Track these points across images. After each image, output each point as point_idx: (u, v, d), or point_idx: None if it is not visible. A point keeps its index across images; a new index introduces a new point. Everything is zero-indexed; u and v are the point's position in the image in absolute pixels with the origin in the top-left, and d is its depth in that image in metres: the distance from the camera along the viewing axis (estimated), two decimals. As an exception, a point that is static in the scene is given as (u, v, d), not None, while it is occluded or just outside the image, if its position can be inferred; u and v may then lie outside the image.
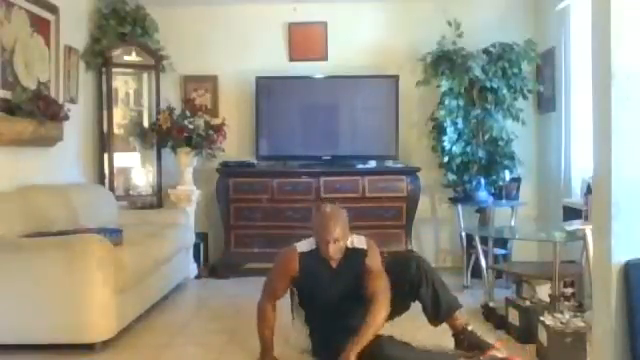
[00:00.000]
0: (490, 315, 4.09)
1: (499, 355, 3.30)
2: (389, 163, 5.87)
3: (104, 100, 5.70)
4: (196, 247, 5.71)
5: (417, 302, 3.49)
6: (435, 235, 6.19)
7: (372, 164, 5.86)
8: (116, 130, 5.78)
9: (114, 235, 4.03)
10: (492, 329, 3.94)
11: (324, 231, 3.23)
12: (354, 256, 3.32)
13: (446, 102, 5.56)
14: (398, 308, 3.41)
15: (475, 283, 5.08)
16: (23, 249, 3.63)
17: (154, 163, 5.91)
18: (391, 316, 3.34)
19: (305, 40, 6.13)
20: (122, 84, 5.92)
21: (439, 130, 5.69)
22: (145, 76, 5.97)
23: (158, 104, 5.86)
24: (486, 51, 5.60)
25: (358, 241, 3.39)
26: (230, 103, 6.15)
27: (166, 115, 5.61)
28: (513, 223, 5.47)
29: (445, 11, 5.75)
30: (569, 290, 3.90)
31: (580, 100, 5.01)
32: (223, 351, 3.64)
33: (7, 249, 3.61)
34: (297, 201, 5.59)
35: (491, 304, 4.17)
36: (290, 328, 3.57)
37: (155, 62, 5.87)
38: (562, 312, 3.44)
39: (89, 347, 3.55)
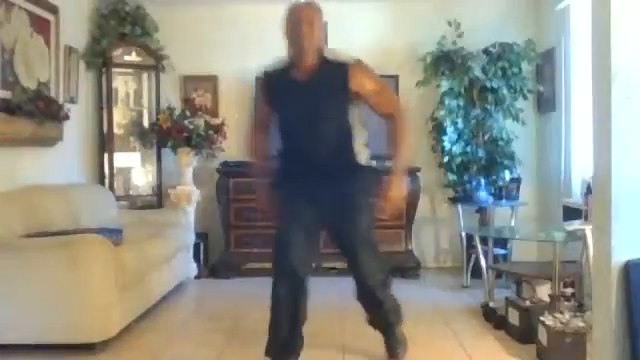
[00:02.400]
0: (490, 315, 4.09)
1: None
2: (389, 163, 5.86)
3: (104, 100, 5.69)
4: (196, 247, 5.70)
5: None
6: (435, 235, 6.19)
7: (372, 164, 5.84)
8: (116, 130, 5.77)
9: (114, 235, 4.03)
10: (492, 329, 3.95)
11: (294, 15, 2.97)
12: (331, 68, 2.99)
13: (446, 102, 5.57)
14: None
15: (475, 283, 5.08)
16: (23, 249, 3.63)
17: (154, 163, 5.91)
18: None
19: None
20: (122, 84, 5.91)
21: (439, 130, 5.69)
22: (145, 76, 5.97)
23: (158, 104, 5.86)
24: (486, 51, 5.60)
25: (343, 57, 3.05)
26: (230, 103, 6.14)
27: (166, 115, 5.61)
28: (513, 223, 5.47)
29: (444, 10, 5.76)
30: (569, 290, 3.90)
31: (580, 100, 5.02)
32: (223, 351, 3.64)
33: (7, 249, 3.60)
34: (297, 201, 5.59)
35: (491, 304, 4.17)
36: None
37: (155, 62, 5.87)
38: (562, 312, 3.44)
39: (89, 347, 3.54)
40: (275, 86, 3.10)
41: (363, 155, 3.13)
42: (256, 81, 3.24)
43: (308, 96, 2.98)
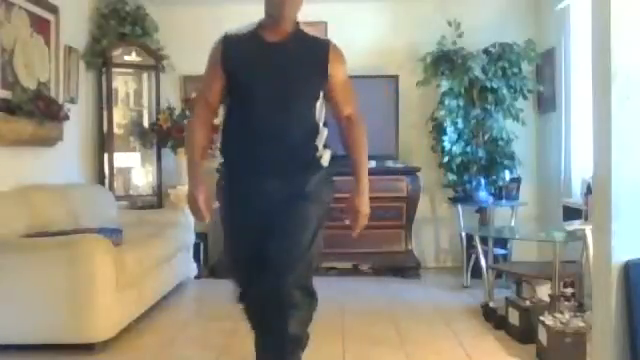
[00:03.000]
0: (490, 315, 4.09)
1: None
2: (389, 163, 5.87)
3: (104, 100, 5.70)
4: (196, 247, 5.70)
5: None
6: (435, 235, 6.19)
7: (372, 164, 5.85)
8: (116, 130, 5.77)
9: (114, 235, 4.03)
10: (492, 329, 3.95)
11: None
12: (308, 42, 2.55)
13: (446, 102, 5.57)
14: None
15: (475, 283, 5.08)
16: (23, 249, 3.63)
17: (154, 163, 5.91)
18: None
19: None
20: (122, 84, 5.92)
21: (439, 130, 5.70)
22: (145, 76, 5.97)
23: (158, 104, 5.86)
24: (486, 51, 5.61)
25: (317, 34, 2.64)
26: (230, 103, 6.14)
27: (166, 115, 5.61)
28: (513, 223, 5.47)
29: (444, 10, 5.76)
30: (569, 290, 3.90)
31: (580, 100, 5.01)
32: (223, 351, 3.64)
33: (7, 249, 3.61)
34: (297, 201, 5.58)
35: (491, 304, 4.17)
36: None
37: (155, 62, 5.87)
38: (562, 312, 3.44)
39: (89, 347, 3.54)
40: (238, 47, 2.53)
41: (325, 157, 2.63)
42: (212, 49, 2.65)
43: (281, 60, 2.47)
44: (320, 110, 2.58)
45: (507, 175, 5.62)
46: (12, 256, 3.58)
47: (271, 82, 2.45)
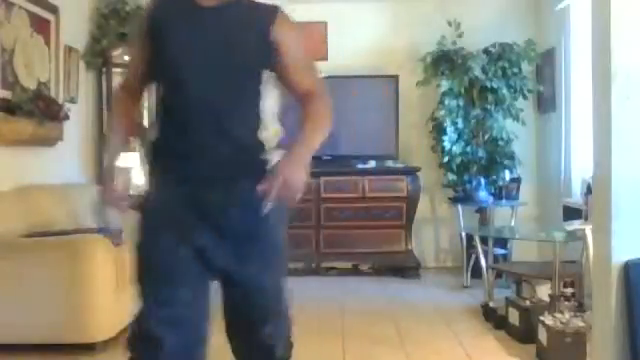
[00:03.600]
0: (490, 315, 4.09)
1: None
2: (389, 163, 5.87)
3: (104, 100, 5.69)
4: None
5: None
6: (435, 235, 6.19)
7: (372, 164, 5.86)
8: (116, 130, 5.77)
9: (114, 235, 4.02)
10: (492, 329, 3.95)
11: None
12: (251, 7, 2.06)
13: (446, 102, 5.57)
14: None
15: (475, 283, 5.08)
16: (23, 249, 3.63)
17: (154, 163, 5.91)
18: None
19: (305, 40, 6.06)
20: (122, 84, 5.92)
21: (439, 130, 5.70)
22: (145, 76, 5.97)
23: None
24: (486, 51, 5.61)
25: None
26: (230, 103, 6.13)
27: (166, 115, 5.61)
28: (513, 223, 5.47)
29: (444, 10, 5.77)
30: (569, 290, 3.90)
31: (580, 100, 5.01)
32: (223, 351, 3.63)
33: (7, 249, 3.61)
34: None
35: (491, 304, 4.17)
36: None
37: (155, 62, 5.86)
38: (562, 312, 3.44)
39: (89, 347, 3.54)
40: (166, 12, 2.04)
41: (275, 158, 2.01)
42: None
43: (216, 26, 1.99)
44: (269, 97, 2.09)
45: (507, 175, 5.62)
46: (12, 256, 3.58)
47: (203, 53, 1.97)
